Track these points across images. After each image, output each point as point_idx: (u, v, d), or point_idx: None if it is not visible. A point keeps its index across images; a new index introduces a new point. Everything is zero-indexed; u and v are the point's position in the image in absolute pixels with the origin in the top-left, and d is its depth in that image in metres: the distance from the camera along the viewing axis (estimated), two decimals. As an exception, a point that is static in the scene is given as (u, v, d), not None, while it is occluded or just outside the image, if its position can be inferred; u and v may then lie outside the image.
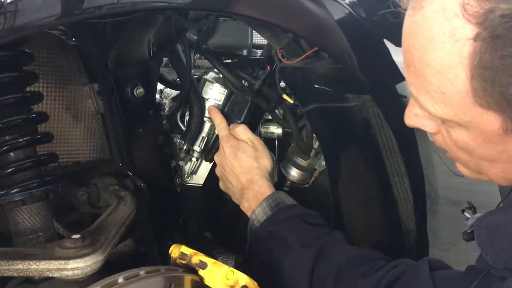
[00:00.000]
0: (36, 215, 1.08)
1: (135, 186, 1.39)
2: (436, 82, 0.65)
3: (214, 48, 1.51)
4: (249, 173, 1.33)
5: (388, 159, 1.24)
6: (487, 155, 0.72)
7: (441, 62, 0.63)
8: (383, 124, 1.21)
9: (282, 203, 1.24)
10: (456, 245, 1.40)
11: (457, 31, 0.60)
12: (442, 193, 1.24)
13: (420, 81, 0.68)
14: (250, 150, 1.37)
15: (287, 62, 1.25)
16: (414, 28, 0.66)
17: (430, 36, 0.63)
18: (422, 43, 0.65)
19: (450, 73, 0.63)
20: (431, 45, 0.63)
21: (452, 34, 0.61)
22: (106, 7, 0.93)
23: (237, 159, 1.36)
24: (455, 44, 0.61)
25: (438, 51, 0.63)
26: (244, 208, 1.32)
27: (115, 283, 0.94)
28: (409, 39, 0.67)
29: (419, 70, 0.67)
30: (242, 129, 1.42)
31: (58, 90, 1.31)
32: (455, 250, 1.39)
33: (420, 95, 0.70)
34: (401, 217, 1.29)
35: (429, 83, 0.66)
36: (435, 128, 0.75)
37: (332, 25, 1.01)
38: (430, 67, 0.65)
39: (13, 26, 0.92)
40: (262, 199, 1.26)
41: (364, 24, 1.01)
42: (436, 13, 0.62)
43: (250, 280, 1.02)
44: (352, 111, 1.25)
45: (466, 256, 1.45)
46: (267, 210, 1.23)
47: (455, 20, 0.60)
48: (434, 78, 0.65)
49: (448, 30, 0.61)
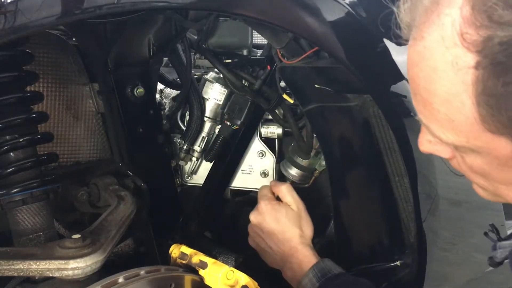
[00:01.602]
0: (36, 215, 1.08)
1: (135, 186, 1.40)
2: (444, 110, 0.65)
3: (214, 48, 1.51)
4: (292, 241, 1.26)
5: (388, 159, 1.24)
6: (503, 179, 0.71)
7: (446, 91, 0.63)
8: (383, 123, 1.21)
9: (329, 272, 1.18)
10: (456, 245, 1.40)
11: (458, 60, 0.60)
12: (442, 193, 1.23)
13: (428, 110, 0.67)
14: (295, 217, 1.29)
15: (287, 61, 1.25)
16: (417, 58, 0.66)
17: (433, 66, 0.63)
18: (426, 73, 0.65)
19: (456, 101, 0.62)
20: (435, 75, 0.63)
21: (454, 63, 0.61)
22: (106, 7, 0.93)
23: (280, 225, 1.28)
24: (458, 72, 0.61)
25: (443, 79, 0.63)
26: (288, 277, 1.25)
27: (115, 283, 0.94)
28: (413, 69, 0.67)
29: (426, 99, 0.66)
30: (287, 189, 1.34)
31: (58, 90, 1.31)
32: (455, 250, 1.39)
33: (430, 123, 0.69)
34: (401, 216, 1.29)
35: (437, 112, 0.66)
36: (449, 153, 0.75)
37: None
38: (436, 96, 0.65)
39: (14, 26, 0.92)
40: (307, 269, 1.20)
41: (364, 23, 1.01)
42: (436, 43, 0.62)
43: (250, 280, 1.03)
44: (352, 110, 1.25)
45: (466, 256, 1.45)
46: (314, 281, 1.17)
47: (455, 49, 0.60)
48: (441, 107, 0.65)
49: (449, 59, 0.61)
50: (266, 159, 1.66)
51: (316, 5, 1.00)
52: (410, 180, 1.16)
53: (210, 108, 1.60)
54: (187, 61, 1.53)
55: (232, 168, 1.66)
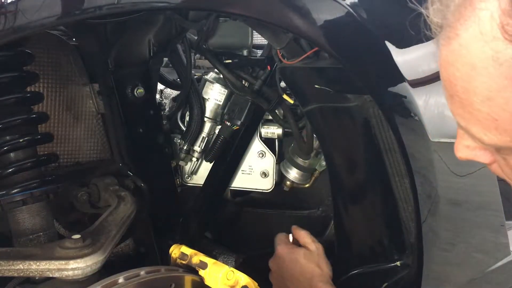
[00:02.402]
0: (36, 215, 1.08)
1: (135, 186, 1.40)
2: (486, 109, 0.62)
3: (214, 48, 1.51)
4: (312, 280, 1.26)
5: (388, 159, 1.24)
6: None
7: (487, 88, 0.60)
8: (383, 124, 1.21)
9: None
10: (456, 245, 1.39)
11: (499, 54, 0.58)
12: (442, 193, 1.23)
13: (468, 111, 0.64)
14: (313, 257, 1.30)
15: (287, 62, 1.25)
16: (452, 57, 0.63)
17: (472, 63, 0.61)
18: (464, 71, 0.62)
19: (499, 97, 0.60)
20: (473, 72, 0.61)
21: (495, 57, 0.58)
22: (107, 7, 0.93)
23: (298, 265, 1.29)
24: (500, 67, 0.58)
25: (483, 76, 0.60)
26: None
27: (116, 283, 0.94)
28: (449, 69, 0.65)
29: (465, 99, 0.64)
30: (306, 232, 1.37)
31: (58, 90, 1.31)
32: (455, 250, 1.39)
33: (470, 125, 0.66)
34: (401, 217, 1.29)
35: (478, 111, 0.63)
36: (490, 158, 0.72)
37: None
38: (476, 95, 0.62)
39: (14, 26, 0.92)
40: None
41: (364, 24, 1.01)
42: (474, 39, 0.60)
43: (250, 280, 1.03)
44: (352, 111, 1.25)
45: (466, 257, 1.45)
46: None
47: (495, 43, 0.58)
48: (482, 106, 0.62)
49: (489, 54, 0.59)
50: (266, 159, 1.66)
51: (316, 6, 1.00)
52: (410, 180, 1.17)
53: (210, 109, 1.60)
54: (187, 61, 1.53)
55: (232, 169, 1.66)
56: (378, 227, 1.37)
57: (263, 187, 1.67)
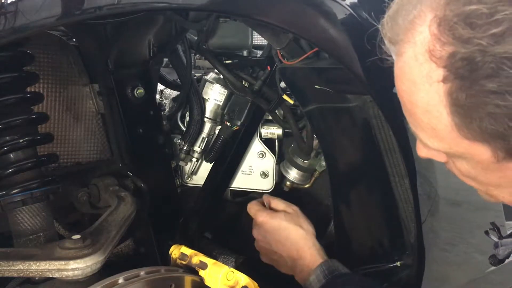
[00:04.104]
0: (36, 216, 1.08)
1: (135, 187, 1.40)
2: (426, 120, 0.70)
3: (214, 48, 1.51)
4: (298, 243, 1.27)
5: (388, 160, 1.24)
6: (490, 182, 0.76)
7: (425, 102, 0.68)
8: (383, 124, 1.21)
9: (336, 270, 1.20)
10: (456, 245, 1.40)
11: (431, 74, 0.65)
12: (442, 193, 1.24)
13: (414, 119, 0.73)
14: (293, 218, 1.31)
15: (287, 62, 1.25)
16: (399, 73, 0.72)
17: (412, 79, 0.69)
18: (407, 86, 0.70)
19: (434, 110, 0.68)
20: (414, 87, 0.69)
21: (428, 76, 0.66)
22: (107, 8, 0.93)
23: (283, 229, 1.29)
24: (432, 85, 0.66)
25: (421, 92, 0.68)
26: (300, 279, 1.26)
27: (116, 283, 0.94)
28: (397, 82, 0.74)
29: (410, 109, 0.72)
30: (277, 198, 1.37)
31: (58, 91, 1.31)
32: (455, 250, 1.39)
33: (417, 131, 0.75)
34: (401, 217, 1.29)
35: (421, 121, 0.71)
36: (444, 158, 0.79)
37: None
38: (417, 107, 0.70)
39: (14, 26, 0.93)
40: (314, 267, 1.22)
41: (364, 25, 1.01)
42: (412, 59, 0.68)
43: (250, 281, 1.03)
44: (352, 111, 1.25)
45: (466, 257, 1.45)
46: (321, 277, 1.19)
47: (427, 65, 0.66)
48: (423, 116, 0.70)
49: (424, 73, 0.66)
50: (266, 159, 1.66)
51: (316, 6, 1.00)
52: (410, 180, 1.17)
53: (210, 109, 1.60)
54: (187, 61, 1.53)
55: (232, 169, 1.66)
56: (378, 227, 1.37)
57: (263, 188, 1.67)
